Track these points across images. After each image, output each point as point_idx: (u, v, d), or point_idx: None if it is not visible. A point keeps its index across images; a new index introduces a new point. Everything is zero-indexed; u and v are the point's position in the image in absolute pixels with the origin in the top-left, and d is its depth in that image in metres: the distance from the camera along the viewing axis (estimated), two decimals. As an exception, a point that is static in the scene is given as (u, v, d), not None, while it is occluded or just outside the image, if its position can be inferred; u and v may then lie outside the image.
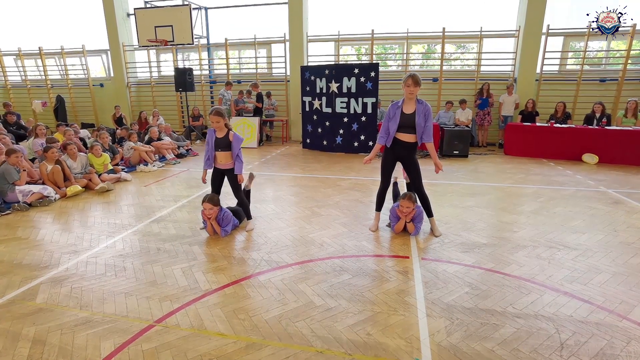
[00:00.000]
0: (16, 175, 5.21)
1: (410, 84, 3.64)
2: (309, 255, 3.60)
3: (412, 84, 3.63)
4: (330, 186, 6.06)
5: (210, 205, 3.90)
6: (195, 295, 2.91)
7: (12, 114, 9.14)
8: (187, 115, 10.98)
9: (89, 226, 4.44)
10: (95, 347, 2.35)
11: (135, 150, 7.51)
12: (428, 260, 3.46)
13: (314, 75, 9.09)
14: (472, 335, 2.41)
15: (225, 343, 2.37)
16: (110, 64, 12.51)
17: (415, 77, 3.64)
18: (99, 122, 12.32)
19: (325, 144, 9.35)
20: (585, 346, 2.31)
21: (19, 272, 3.31)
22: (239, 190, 4.29)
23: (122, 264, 3.44)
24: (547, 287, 2.99)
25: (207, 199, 3.91)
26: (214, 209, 3.92)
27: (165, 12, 10.74)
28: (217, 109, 4.03)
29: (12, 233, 4.25)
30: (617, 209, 4.87)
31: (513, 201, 5.28)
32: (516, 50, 9.84)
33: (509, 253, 3.60)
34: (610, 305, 2.73)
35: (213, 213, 3.94)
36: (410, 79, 3.64)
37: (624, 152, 7.61)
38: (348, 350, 2.29)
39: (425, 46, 11.34)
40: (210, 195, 3.99)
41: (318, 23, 10.97)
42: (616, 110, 9.12)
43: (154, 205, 5.19)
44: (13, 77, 13.61)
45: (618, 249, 3.68)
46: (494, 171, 7.13)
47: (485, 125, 9.64)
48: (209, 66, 12.32)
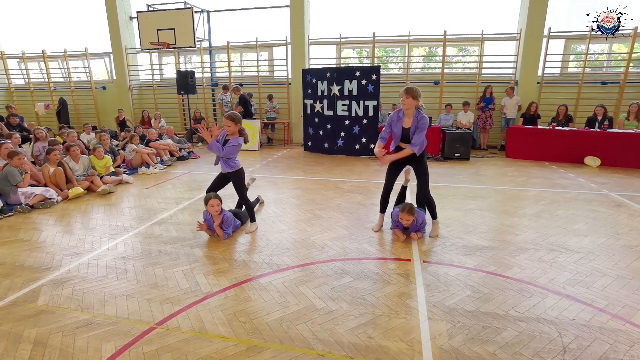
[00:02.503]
0: (19, 177, 5.23)
1: (402, 95, 3.66)
2: (310, 257, 3.59)
3: (404, 95, 3.65)
4: (332, 189, 6.06)
5: (217, 200, 3.88)
6: (197, 297, 2.91)
7: (15, 117, 9.18)
8: (189, 117, 11.01)
9: (90, 228, 4.44)
10: (96, 349, 2.35)
11: (137, 153, 7.53)
12: (430, 263, 3.45)
13: (316, 78, 9.11)
14: (473, 339, 2.40)
15: (226, 346, 2.36)
16: (112, 67, 12.57)
17: (407, 90, 3.64)
18: (101, 125, 12.37)
19: (327, 147, 9.36)
20: (588, 350, 2.30)
21: (21, 274, 3.32)
22: (244, 194, 4.27)
23: (124, 266, 3.44)
24: (549, 290, 2.98)
25: (213, 195, 3.90)
26: (220, 204, 3.90)
27: (167, 15, 10.80)
28: (230, 114, 4.02)
29: (14, 235, 4.27)
30: (620, 212, 4.85)
31: (515, 204, 5.27)
32: (517, 53, 9.84)
33: (510, 256, 3.59)
34: (613, 309, 2.72)
35: (219, 208, 3.92)
36: (403, 91, 3.65)
37: (626, 155, 7.59)
38: (349, 354, 2.28)
39: (427, 49, 11.36)
40: (211, 192, 3.99)
41: (319, 26, 11.01)
42: (618, 113, 9.11)
43: (156, 207, 5.20)
44: (16, 79, 13.69)
45: (620, 252, 3.66)
46: (496, 174, 7.11)
47: (487, 128, 9.63)
48: (210, 69, 12.37)
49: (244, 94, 10.23)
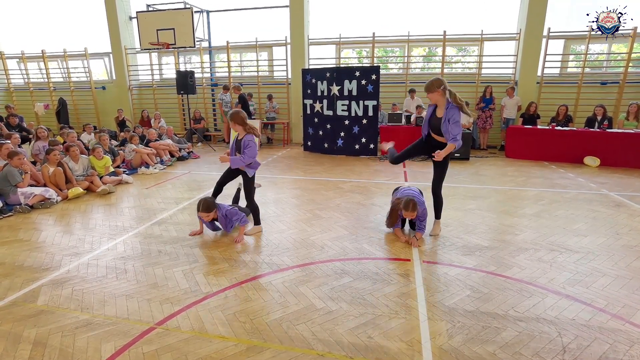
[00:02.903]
0: (19, 177, 5.22)
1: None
2: (310, 257, 3.59)
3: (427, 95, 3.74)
4: (332, 189, 6.06)
5: (206, 213, 3.89)
6: (196, 297, 2.91)
7: (14, 117, 9.17)
8: (189, 118, 11.01)
9: (90, 228, 4.44)
10: (96, 349, 2.35)
11: (137, 153, 7.53)
12: (429, 263, 3.45)
13: (315, 78, 9.11)
14: (473, 339, 2.40)
15: (226, 346, 2.36)
16: (112, 67, 12.56)
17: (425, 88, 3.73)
18: (100, 125, 12.36)
19: (327, 147, 9.36)
20: (588, 350, 2.30)
21: (21, 274, 3.31)
22: (252, 197, 4.25)
23: (123, 267, 3.44)
24: (549, 290, 2.98)
25: (201, 207, 3.88)
26: (210, 214, 3.92)
27: (167, 15, 10.79)
28: (232, 117, 4.00)
29: (14, 235, 4.26)
30: (619, 212, 4.85)
31: (514, 204, 5.27)
32: (517, 53, 9.84)
33: (510, 256, 3.59)
34: (612, 309, 2.72)
35: (212, 216, 3.95)
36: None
37: (626, 155, 7.59)
38: (349, 354, 2.28)
39: (426, 49, 11.36)
40: (202, 202, 3.92)
41: (319, 26, 11.01)
42: (617, 113, 9.11)
43: (155, 207, 5.20)
44: (16, 79, 13.68)
45: (620, 252, 3.66)
46: (496, 174, 7.12)
47: (487, 128, 9.63)
48: (210, 69, 12.37)
49: (243, 94, 10.22)
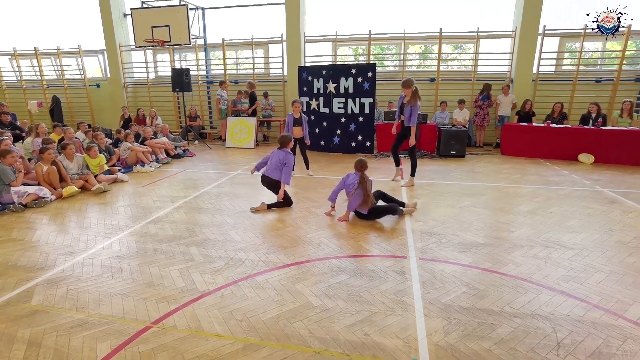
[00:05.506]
0: (12, 176, 5.17)
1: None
2: (306, 255, 3.59)
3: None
4: (328, 186, 6.05)
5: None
6: (193, 296, 2.90)
7: (7, 114, 9.07)
8: (184, 115, 10.96)
9: (85, 227, 4.41)
10: (91, 349, 2.33)
11: (132, 151, 7.48)
12: (425, 260, 3.46)
13: (312, 76, 9.09)
14: (469, 335, 2.42)
15: (223, 344, 2.36)
16: (106, 64, 12.46)
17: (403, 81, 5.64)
18: (95, 123, 12.27)
19: (323, 144, 9.35)
20: (582, 345, 2.32)
21: (14, 274, 3.29)
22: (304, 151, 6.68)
23: (119, 265, 3.43)
24: (543, 286, 3.00)
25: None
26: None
27: (162, 12, 10.71)
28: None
29: (7, 234, 4.22)
30: (613, 209, 4.90)
31: (510, 201, 5.30)
32: (513, 51, 9.87)
33: (505, 253, 3.62)
34: (606, 304, 2.75)
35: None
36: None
37: (620, 152, 7.66)
38: (345, 351, 2.29)
39: (422, 46, 11.36)
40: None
41: (315, 23, 10.98)
42: (612, 111, 9.18)
43: (151, 206, 5.17)
44: (8, 77, 13.53)
45: (614, 248, 3.70)
46: (491, 171, 7.15)
47: (485, 125, 9.67)
48: (206, 66, 12.29)
49: (254, 92, 10.31)
